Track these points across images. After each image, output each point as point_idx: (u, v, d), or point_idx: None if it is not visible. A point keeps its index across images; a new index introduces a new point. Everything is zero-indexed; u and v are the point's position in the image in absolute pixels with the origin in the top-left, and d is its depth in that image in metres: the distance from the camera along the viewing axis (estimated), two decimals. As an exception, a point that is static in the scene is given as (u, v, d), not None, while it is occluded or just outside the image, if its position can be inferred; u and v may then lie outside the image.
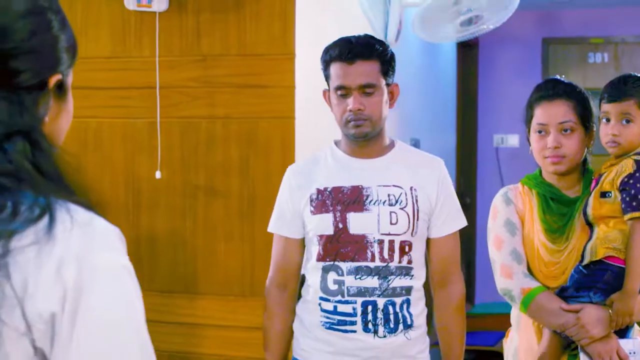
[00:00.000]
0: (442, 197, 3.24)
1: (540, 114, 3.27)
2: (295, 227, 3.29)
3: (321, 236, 3.20)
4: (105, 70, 4.30)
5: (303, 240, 3.31)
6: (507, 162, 8.65)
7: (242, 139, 4.12)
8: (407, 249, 3.18)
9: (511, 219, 3.31)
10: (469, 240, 8.28)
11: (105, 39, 4.30)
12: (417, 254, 3.22)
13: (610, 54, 9.04)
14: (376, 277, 3.15)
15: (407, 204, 3.18)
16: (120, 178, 4.31)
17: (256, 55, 4.09)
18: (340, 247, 3.17)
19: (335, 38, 3.25)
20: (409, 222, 3.17)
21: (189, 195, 4.21)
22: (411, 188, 3.20)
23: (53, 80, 1.49)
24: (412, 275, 3.20)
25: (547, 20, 9.07)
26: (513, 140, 8.89)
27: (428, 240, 3.28)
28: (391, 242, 3.16)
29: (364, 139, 3.20)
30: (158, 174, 4.17)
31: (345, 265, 3.16)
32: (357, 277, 3.15)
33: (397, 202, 3.17)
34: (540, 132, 3.27)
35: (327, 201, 3.19)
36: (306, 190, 3.25)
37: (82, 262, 1.35)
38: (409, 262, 3.19)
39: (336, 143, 3.34)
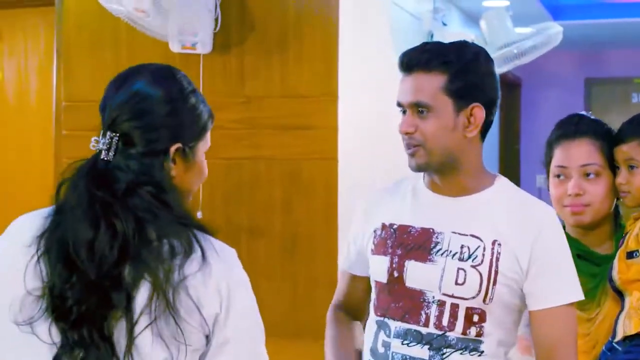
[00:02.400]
0: (540, 260, 2.43)
1: (560, 155, 2.79)
2: (361, 264, 2.67)
3: (376, 283, 2.58)
4: (150, 112, 4.33)
5: (369, 279, 2.67)
6: (551, 202, 8.59)
7: (285, 180, 4.13)
8: (475, 318, 2.43)
9: None
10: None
11: (150, 81, 4.34)
12: (495, 328, 2.46)
13: (654, 94, 9.00)
14: (427, 347, 2.46)
15: (482, 261, 2.43)
16: (164, 218, 4.32)
17: (299, 96, 4.11)
18: (392, 300, 2.51)
19: (379, 78, 3.17)
20: (480, 284, 2.42)
21: (231, 235, 4.22)
22: (494, 242, 2.44)
23: (173, 148, 1.99)
24: (482, 353, 2.44)
25: (589, 60, 9.06)
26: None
27: (530, 314, 2.51)
28: (454, 307, 2.44)
29: (424, 171, 2.53)
30: (199, 214, 4.19)
31: (393, 325, 2.50)
32: (405, 342, 2.48)
33: (469, 257, 2.44)
34: (559, 176, 2.79)
35: (388, 241, 2.55)
36: (372, 222, 2.62)
37: (229, 279, 1.95)
38: (479, 335, 2.44)
39: None
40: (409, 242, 2.50)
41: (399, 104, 2.49)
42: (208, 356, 1.94)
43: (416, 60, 2.44)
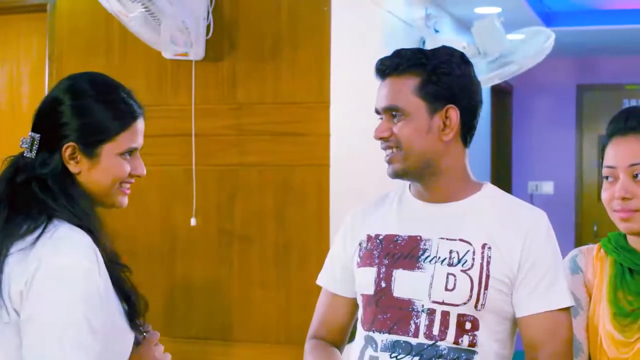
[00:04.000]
0: (530, 262, 2.34)
1: (608, 154, 2.42)
2: (345, 283, 2.56)
3: (363, 296, 2.47)
4: (142, 118, 4.34)
5: (355, 300, 2.56)
6: (542, 209, 8.59)
7: (277, 187, 4.14)
8: (468, 326, 2.32)
9: (575, 294, 2.44)
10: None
11: (142, 87, 4.34)
12: (489, 337, 2.35)
13: (646, 100, 9.02)
14: (417, 359, 2.33)
15: (472, 265, 2.33)
16: (155, 225, 4.33)
17: (291, 103, 4.12)
18: (379, 312, 2.40)
19: (371, 86, 3.11)
20: (472, 289, 2.32)
21: (224, 243, 4.22)
22: (484, 246, 2.35)
23: (65, 147, 2.17)
24: None
25: (581, 67, 9.08)
26: (547, 187, 8.86)
27: (518, 322, 2.40)
28: (445, 315, 2.33)
29: (403, 178, 2.46)
30: (193, 221, 4.19)
31: (380, 338, 2.38)
32: (393, 354, 2.35)
33: (459, 261, 2.34)
34: (607, 177, 2.41)
35: (374, 252, 2.45)
36: (357, 236, 2.53)
37: (42, 260, 2.04)
38: (472, 344, 2.32)
39: None
40: (396, 252, 2.41)
41: (376, 111, 2.48)
42: (21, 332, 2.04)
43: (388, 65, 2.43)
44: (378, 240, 2.46)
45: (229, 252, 4.22)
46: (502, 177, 8.84)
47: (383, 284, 2.40)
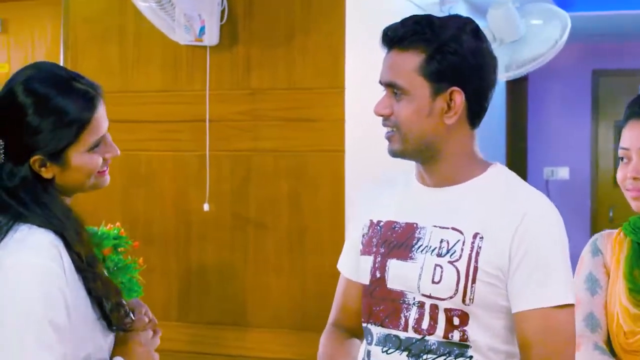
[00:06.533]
0: (522, 253, 2.13)
1: (623, 135, 2.51)
2: (357, 268, 2.41)
3: (363, 286, 2.36)
4: (156, 104, 4.34)
5: None
6: (558, 194, 8.58)
7: (291, 173, 4.13)
8: (456, 321, 2.17)
9: (594, 274, 2.52)
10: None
11: (156, 73, 4.34)
12: (481, 333, 2.18)
13: (662, 86, 8.98)
14: (405, 354, 2.22)
15: (460, 256, 2.16)
16: (170, 210, 4.33)
17: (306, 89, 4.11)
18: (374, 304, 2.29)
19: None
20: (458, 282, 2.15)
21: (238, 228, 4.22)
22: (475, 235, 2.16)
23: (32, 160, 2.14)
24: (471, 358, 2.17)
25: (596, 52, 9.03)
26: (563, 172, 8.83)
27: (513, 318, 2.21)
28: (434, 308, 2.18)
29: (401, 157, 2.30)
30: (207, 207, 4.19)
31: (375, 331, 2.28)
32: (384, 349, 2.26)
33: (447, 252, 2.18)
34: (622, 159, 2.50)
35: (373, 239, 2.33)
36: (363, 220, 2.41)
37: (3, 259, 2.03)
38: (463, 339, 2.17)
39: None
40: (393, 240, 2.27)
41: (380, 82, 2.27)
42: None
43: (393, 36, 2.22)
44: (378, 227, 2.33)
45: (242, 237, 4.22)
46: (518, 163, 8.81)
47: (378, 274, 2.28)
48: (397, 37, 2.20)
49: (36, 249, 2.05)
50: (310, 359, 3.50)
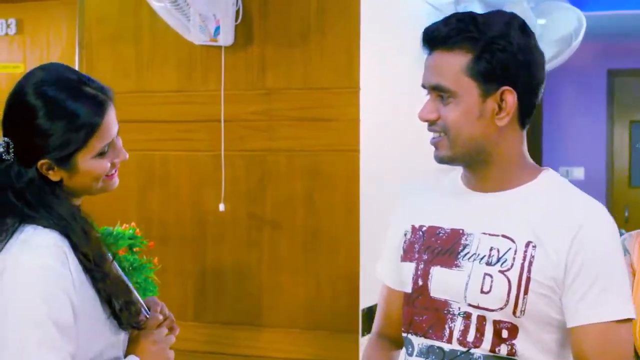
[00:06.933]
0: (579, 264, 2.02)
1: None
2: (397, 275, 2.31)
3: (404, 294, 2.25)
4: (171, 104, 4.35)
5: None
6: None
7: (306, 172, 4.13)
8: (505, 334, 2.05)
9: None
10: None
11: (171, 73, 4.34)
12: (532, 347, 2.07)
13: (677, 85, 8.95)
14: None
15: (512, 265, 2.05)
16: (185, 210, 4.34)
17: (321, 88, 4.10)
18: (415, 313, 2.19)
19: (400, 71, 3.03)
20: (509, 293, 2.04)
21: (253, 228, 4.22)
22: (528, 244, 2.06)
23: (40, 164, 2.14)
24: None
25: (611, 51, 9.01)
26: (578, 172, 8.80)
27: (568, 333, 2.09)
28: (481, 320, 2.08)
29: (449, 164, 2.18)
30: (222, 207, 4.19)
31: (417, 342, 2.18)
32: None
33: (498, 261, 2.07)
34: None
35: (415, 245, 2.22)
36: (404, 224, 2.30)
37: (7, 260, 2.05)
38: (511, 353, 2.06)
39: None
40: (437, 246, 2.17)
41: (423, 86, 2.16)
42: None
43: (436, 36, 2.10)
44: (421, 232, 2.22)
45: (258, 237, 4.22)
46: (532, 163, 8.79)
47: (420, 282, 2.17)
48: (440, 36, 2.09)
49: (40, 249, 2.05)
50: (323, 357, 3.51)
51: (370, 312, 3.26)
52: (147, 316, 2.30)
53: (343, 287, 4.02)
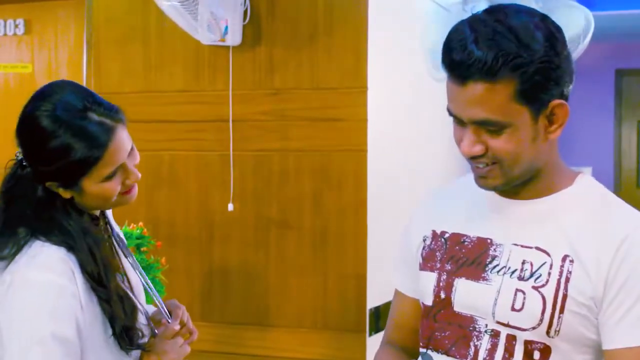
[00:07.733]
0: (620, 281, 1.85)
1: None
2: (412, 282, 2.17)
3: (423, 305, 2.10)
4: (179, 104, 4.35)
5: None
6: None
7: (314, 172, 4.13)
8: (537, 355, 1.90)
9: None
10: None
11: (179, 73, 4.35)
12: None
13: (686, 85, 8.94)
14: None
15: (547, 281, 1.88)
16: (193, 210, 4.34)
17: (329, 88, 4.10)
18: (437, 328, 2.03)
19: (408, 71, 2.94)
20: (543, 312, 1.88)
21: (261, 228, 4.22)
22: (564, 258, 1.89)
23: (49, 184, 2.15)
24: None
25: (620, 51, 9.00)
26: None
27: (604, 354, 1.92)
28: (510, 339, 1.91)
29: (502, 190, 2.00)
30: (230, 207, 4.19)
31: (437, 359, 2.02)
32: None
33: (532, 275, 1.90)
34: None
35: (437, 253, 2.07)
36: (423, 229, 2.15)
37: (14, 274, 2.05)
38: None
39: None
40: (461, 256, 2.01)
41: (455, 117, 1.93)
42: None
43: (473, 67, 1.81)
44: (443, 239, 2.06)
45: (266, 237, 4.22)
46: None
47: (442, 295, 2.01)
48: (479, 67, 1.81)
49: (45, 265, 2.06)
50: (331, 357, 3.51)
51: (377, 312, 3.26)
52: (169, 321, 2.31)
53: (351, 287, 4.02)
